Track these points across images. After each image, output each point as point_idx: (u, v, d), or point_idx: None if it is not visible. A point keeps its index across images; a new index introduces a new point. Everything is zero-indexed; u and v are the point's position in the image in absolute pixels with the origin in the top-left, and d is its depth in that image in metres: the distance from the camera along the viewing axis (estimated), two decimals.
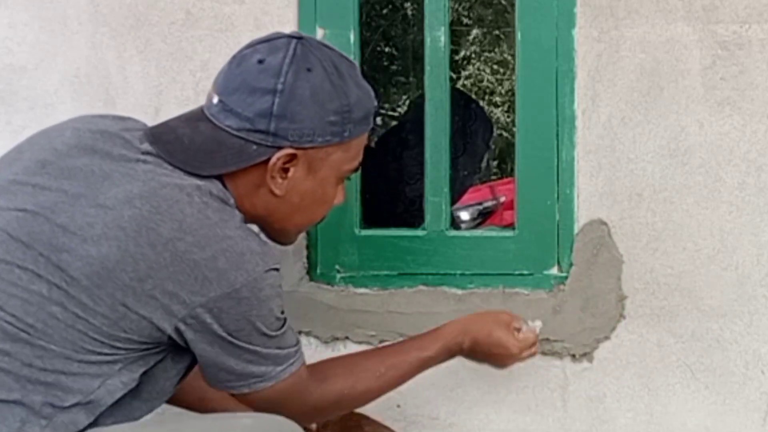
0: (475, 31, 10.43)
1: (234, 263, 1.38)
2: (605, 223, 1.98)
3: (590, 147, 1.98)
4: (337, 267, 2.06)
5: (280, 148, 1.45)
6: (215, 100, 1.47)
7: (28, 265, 1.36)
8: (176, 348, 1.45)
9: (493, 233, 2.21)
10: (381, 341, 2.02)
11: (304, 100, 1.44)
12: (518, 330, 1.77)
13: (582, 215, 1.99)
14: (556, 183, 2.00)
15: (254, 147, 1.45)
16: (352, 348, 2.03)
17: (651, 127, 1.97)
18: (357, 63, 2.04)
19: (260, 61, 1.45)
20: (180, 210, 1.38)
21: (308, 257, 2.05)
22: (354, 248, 2.06)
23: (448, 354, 1.74)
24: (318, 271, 2.06)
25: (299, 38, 1.48)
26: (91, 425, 1.40)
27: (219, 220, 1.40)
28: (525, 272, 2.02)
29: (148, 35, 2.05)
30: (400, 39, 9.50)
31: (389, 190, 3.37)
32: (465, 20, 10.23)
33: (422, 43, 2.06)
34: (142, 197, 1.38)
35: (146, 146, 1.46)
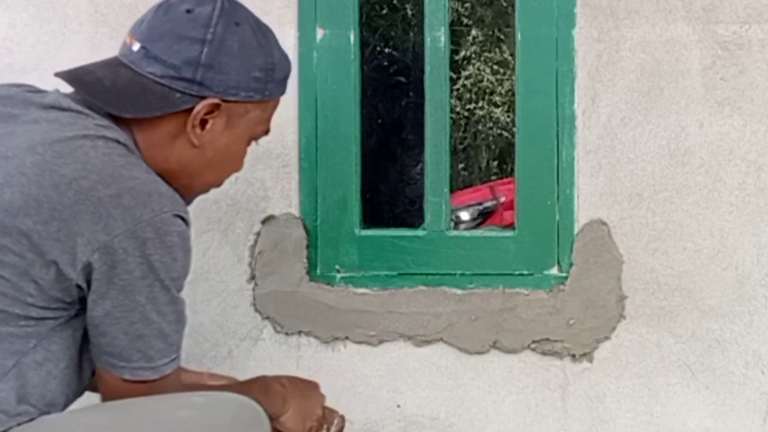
0: (475, 31, 10.41)
1: (140, 201, 1.35)
2: (605, 223, 1.98)
3: (590, 147, 1.98)
4: (337, 267, 2.06)
5: (204, 97, 1.44)
6: (136, 47, 1.46)
7: None
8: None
9: (493, 233, 2.21)
10: (381, 341, 2.02)
11: (233, 53, 1.45)
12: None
13: (582, 215, 1.99)
14: (556, 183, 2.00)
15: (178, 95, 1.44)
16: (352, 348, 2.03)
17: (651, 127, 1.97)
18: (357, 62, 2.05)
19: (189, 11, 1.45)
20: (84, 153, 1.36)
21: (308, 257, 2.05)
22: (354, 248, 2.06)
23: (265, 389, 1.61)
24: (318, 271, 2.06)
25: None
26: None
27: (126, 163, 1.38)
28: (525, 272, 2.02)
29: None
30: (400, 39, 9.50)
31: (389, 190, 3.37)
32: (465, 20, 10.23)
33: (422, 43, 2.06)
34: (44, 144, 1.36)
35: (49, 100, 1.44)
